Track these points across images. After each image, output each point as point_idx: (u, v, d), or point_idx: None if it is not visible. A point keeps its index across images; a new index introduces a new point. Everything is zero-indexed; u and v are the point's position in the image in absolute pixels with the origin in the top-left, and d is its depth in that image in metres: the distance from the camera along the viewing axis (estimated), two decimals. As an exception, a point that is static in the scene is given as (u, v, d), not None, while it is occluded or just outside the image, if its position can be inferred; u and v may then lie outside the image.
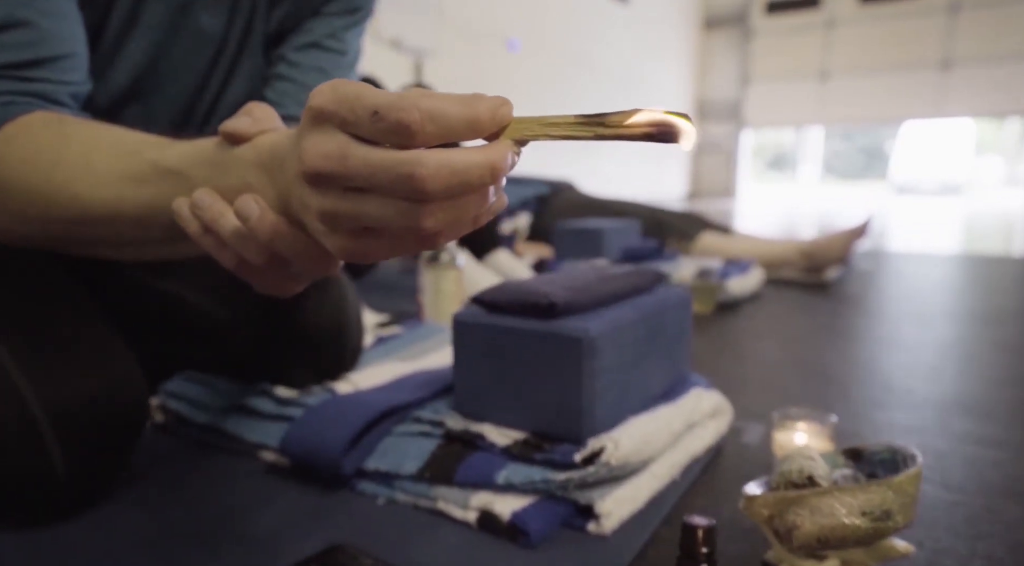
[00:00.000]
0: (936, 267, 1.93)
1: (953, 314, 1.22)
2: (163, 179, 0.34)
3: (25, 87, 0.40)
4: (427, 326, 0.81)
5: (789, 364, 0.88)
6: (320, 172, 0.26)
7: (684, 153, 7.44)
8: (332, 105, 0.26)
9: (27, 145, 0.38)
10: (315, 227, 0.28)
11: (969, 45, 6.17)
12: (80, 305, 0.53)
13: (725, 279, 1.31)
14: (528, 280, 0.56)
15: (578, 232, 1.49)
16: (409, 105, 0.24)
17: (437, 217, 0.25)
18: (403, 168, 0.24)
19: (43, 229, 0.39)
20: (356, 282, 1.56)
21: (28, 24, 0.40)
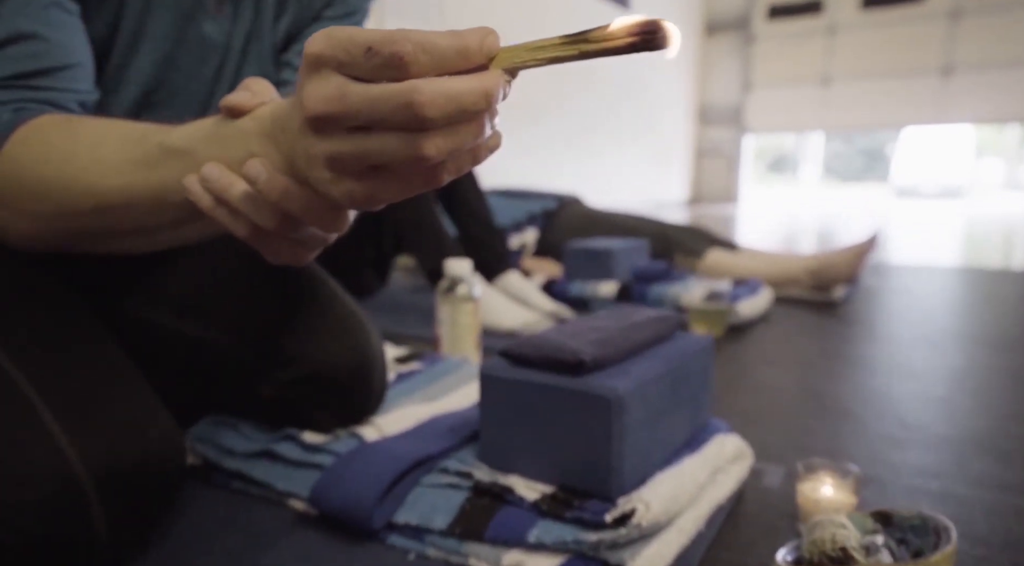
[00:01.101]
0: (941, 282, 1.93)
1: (961, 337, 1.23)
2: (171, 160, 0.35)
3: (34, 95, 0.42)
4: (446, 362, 0.82)
5: (802, 395, 0.89)
6: (322, 115, 0.27)
7: (685, 157, 7.45)
8: (327, 49, 0.27)
9: (39, 144, 0.39)
10: (323, 177, 0.29)
11: (971, 51, 6.18)
12: (114, 356, 0.54)
13: (735, 302, 1.32)
14: (554, 332, 0.57)
15: (588, 252, 1.50)
16: (401, 38, 0.26)
17: (438, 145, 0.27)
18: (402, 97, 0.25)
19: (64, 225, 0.40)
20: (366, 301, 1.56)
21: (35, 37, 0.41)
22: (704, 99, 7.58)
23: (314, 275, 0.71)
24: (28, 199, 0.39)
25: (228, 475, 0.61)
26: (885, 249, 2.72)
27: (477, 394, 0.73)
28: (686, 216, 6.06)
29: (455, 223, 1.44)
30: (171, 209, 0.36)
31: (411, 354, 0.85)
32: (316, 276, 0.71)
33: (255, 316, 0.65)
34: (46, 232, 0.41)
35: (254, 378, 0.63)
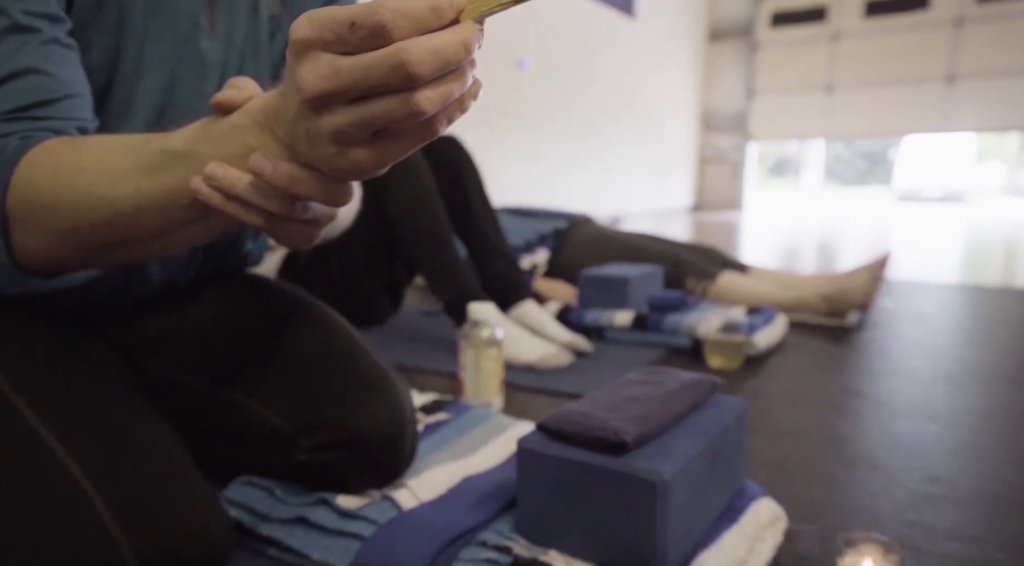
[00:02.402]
0: (952, 303, 1.93)
1: (980, 371, 1.23)
2: (174, 163, 0.37)
3: (38, 125, 0.44)
4: (472, 412, 0.82)
5: (827, 442, 0.89)
6: (321, 93, 0.29)
7: (688, 165, 7.45)
8: (312, 32, 0.29)
9: (48, 164, 0.41)
10: (330, 152, 0.31)
11: (974, 60, 6.18)
12: (159, 430, 0.54)
13: (751, 333, 1.31)
14: (591, 403, 0.57)
15: (603, 280, 1.50)
16: (379, 7, 0.28)
17: (431, 98, 0.29)
18: (392, 59, 0.27)
19: (80, 239, 0.41)
20: (376, 329, 1.56)
21: (34, 72, 0.44)
22: (708, 106, 7.59)
23: (345, 335, 0.71)
24: (45, 217, 0.41)
25: (263, 541, 0.61)
26: (894, 265, 2.72)
27: (506, 449, 0.74)
28: (689, 223, 6.05)
29: (470, 252, 1.44)
30: (180, 210, 0.38)
31: (436, 402, 0.85)
32: (347, 336, 0.71)
33: (288, 380, 0.65)
34: (63, 248, 0.42)
35: (287, 442, 0.63)
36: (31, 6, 0.45)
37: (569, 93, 5.18)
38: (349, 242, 1.44)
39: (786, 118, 7.20)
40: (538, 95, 4.78)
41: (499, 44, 4.31)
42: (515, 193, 4.60)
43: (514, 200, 4.53)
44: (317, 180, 0.33)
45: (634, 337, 1.42)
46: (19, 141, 0.42)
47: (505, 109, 4.46)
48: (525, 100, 4.64)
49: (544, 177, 4.98)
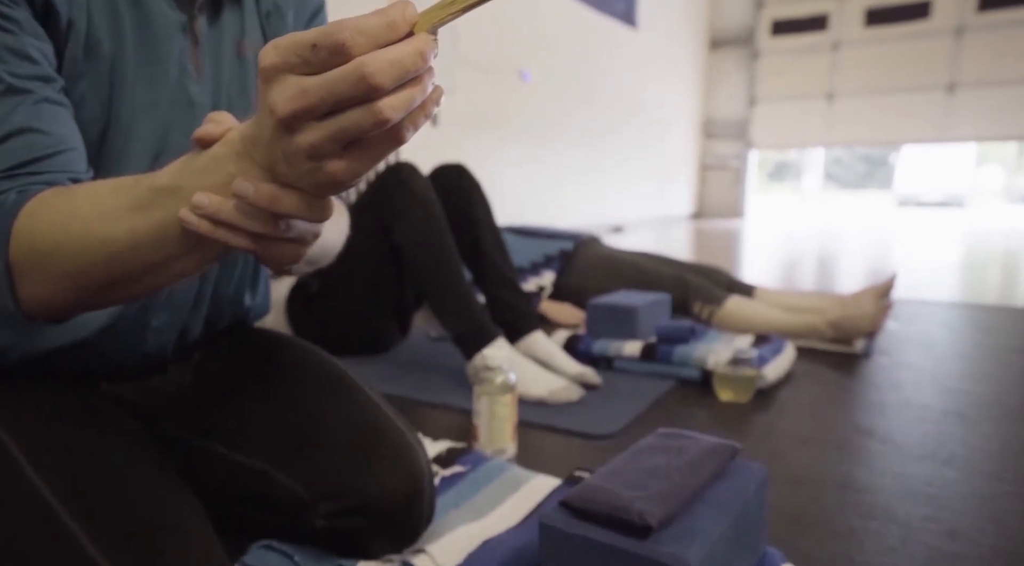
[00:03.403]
0: (957, 324, 1.93)
1: (991, 407, 1.23)
2: (163, 199, 0.39)
3: (35, 179, 0.46)
4: (487, 464, 0.82)
5: (843, 488, 0.89)
6: (291, 113, 0.31)
7: (690, 172, 7.45)
8: (278, 58, 0.31)
9: (45, 213, 0.42)
10: (307, 168, 0.33)
11: (974, 68, 6.19)
12: (179, 498, 0.54)
13: (761, 365, 1.31)
14: (611, 478, 0.57)
15: (611, 309, 1.50)
16: (337, 28, 0.30)
17: (394, 106, 0.31)
18: (354, 73, 0.30)
19: (82, 282, 0.43)
20: (384, 356, 1.56)
21: (29, 131, 0.46)
22: (709, 114, 7.60)
23: (361, 395, 0.70)
24: (47, 264, 0.42)
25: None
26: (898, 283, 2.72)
27: (524, 507, 0.73)
28: (691, 231, 6.05)
29: (478, 280, 1.44)
30: (173, 243, 0.39)
31: (451, 451, 0.85)
32: (363, 396, 0.70)
33: (305, 445, 0.65)
34: (67, 291, 0.43)
35: (306, 508, 0.63)
36: (22, 70, 0.47)
37: (571, 103, 5.18)
38: (358, 271, 1.44)
39: (787, 126, 7.21)
40: (540, 105, 4.79)
41: (502, 56, 4.31)
42: (518, 202, 4.60)
43: (517, 209, 4.53)
44: (298, 197, 0.35)
45: (643, 368, 1.42)
46: (17, 195, 0.44)
47: (508, 119, 4.46)
48: (528, 110, 4.65)
49: (547, 186, 4.98)
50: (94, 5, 0.52)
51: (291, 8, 0.67)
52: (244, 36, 0.63)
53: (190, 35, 0.57)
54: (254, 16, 0.64)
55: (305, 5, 0.69)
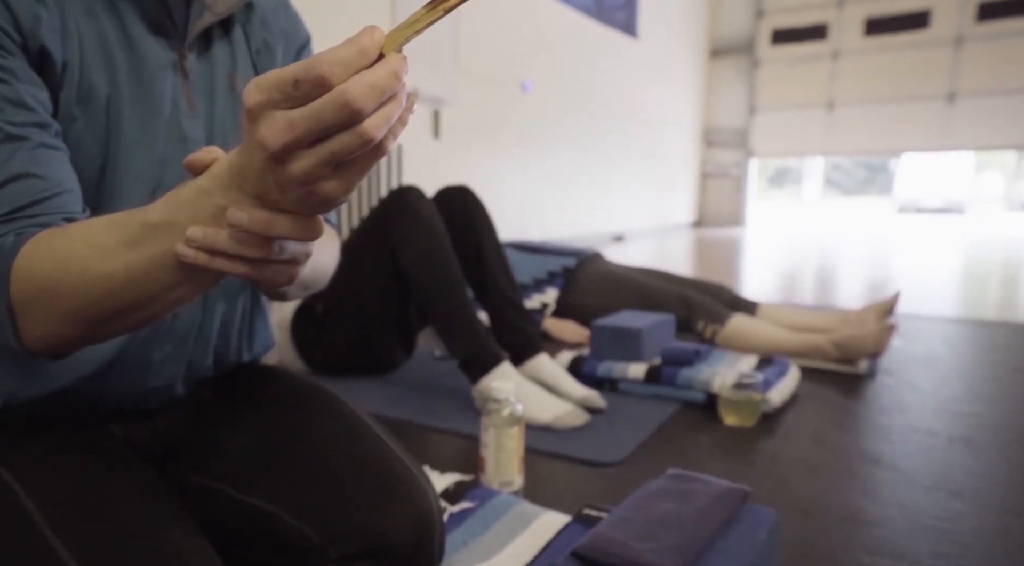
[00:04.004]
0: (959, 342, 1.93)
1: (997, 433, 1.23)
2: (155, 233, 0.40)
3: (32, 221, 0.47)
4: (496, 500, 0.82)
5: (850, 522, 0.89)
6: (282, 147, 0.33)
7: (690, 181, 7.47)
8: (262, 96, 0.33)
9: (43, 253, 0.44)
10: (301, 193, 0.35)
11: (973, 78, 6.21)
12: (191, 543, 0.54)
13: (766, 389, 1.31)
14: (622, 527, 0.57)
15: (615, 331, 1.50)
16: (317, 63, 0.32)
17: (377, 125, 0.33)
18: (338, 101, 0.32)
19: (84, 316, 0.44)
20: (389, 377, 1.56)
21: (26, 176, 0.47)
22: (709, 123, 7.62)
23: (371, 433, 0.70)
24: (47, 302, 0.43)
25: (293, 658, 0.60)
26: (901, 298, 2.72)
27: (533, 546, 0.73)
28: (692, 239, 6.06)
29: (482, 302, 1.44)
30: (169, 274, 0.41)
31: (460, 485, 0.85)
32: (372, 434, 0.70)
33: (315, 486, 0.65)
34: (68, 326, 0.44)
35: (315, 551, 0.63)
36: (18, 118, 0.48)
37: (572, 113, 5.20)
38: (363, 293, 1.44)
39: (787, 134, 7.23)
40: (542, 115, 4.80)
41: (504, 67, 4.33)
42: (519, 212, 4.61)
43: (518, 219, 4.54)
44: (290, 219, 0.37)
45: (648, 390, 1.42)
46: (15, 237, 0.45)
47: (510, 130, 4.47)
48: (529, 120, 4.66)
49: (548, 196, 4.99)
50: (87, 47, 0.53)
51: (279, 44, 0.69)
52: (235, 70, 0.64)
53: (181, 72, 0.59)
54: (244, 51, 0.66)
55: (292, 41, 0.71)
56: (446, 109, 3.78)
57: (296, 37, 0.71)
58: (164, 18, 0.57)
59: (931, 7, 6.32)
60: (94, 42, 0.53)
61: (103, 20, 0.54)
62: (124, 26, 0.55)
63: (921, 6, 6.36)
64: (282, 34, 0.69)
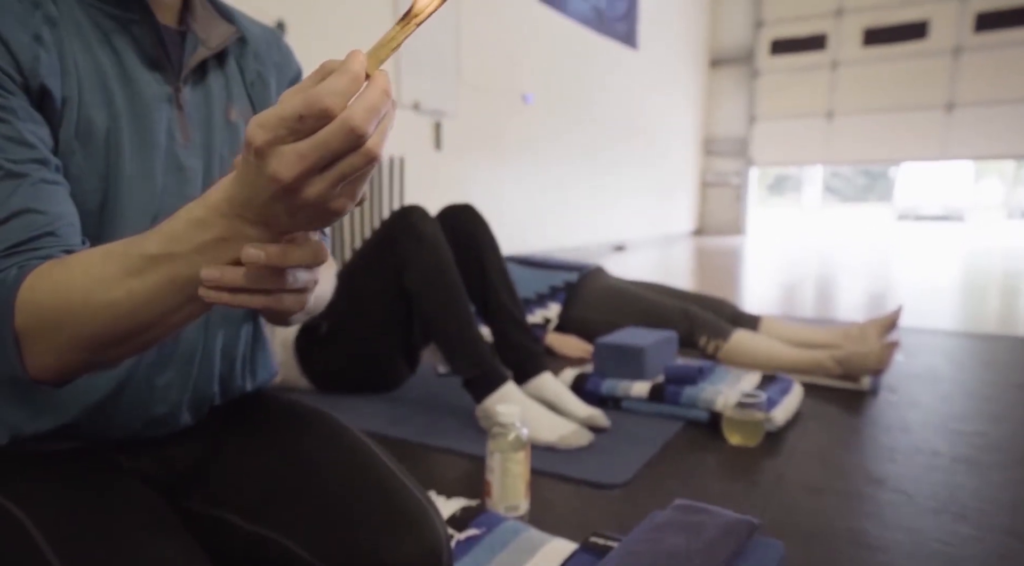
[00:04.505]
0: (961, 356, 1.93)
1: (1001, 452, 1.23)
2: (155, 265, 0.42)
3: (34, 255, 0.48)
4: (503, 527, 0.82)
5: (856, 548, 0.89)
6: (296, 178, 0.35)
7: (691, 190, 7.49)
8: (268, 134, 0.35)
9: (45, 284, 0.45)
10: (316, 213, 0.38)
11: (972, 88, 6.24)
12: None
13: (770, 408, 1.31)
14: (632, 561, 0.57)
15: (618, 349, 1.50)
16: (316, 96, 0.34)
17: (378, 142, 0.36)
18: (343, 129, 0.34)
19: (88, 343, 0.45)
20: (392, 396, 1.56)
21: (27, 211, 0.49)
22: (709, 132, 7.65)
23: (378, 461, 0.71)
24: (51, 332, 0.45)
25: None
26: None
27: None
28: (692, 248, 6.07)
29: (489, 324, 1.45)
30: (171, 298, 0.43)
31: (466, 511, 0.85)
32: (379, 463, 0.71)
33: (323, 515, 0.65)
34: (73, 354, 0.46)
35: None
36: (18, 155, 0.49)
37: (573, 123, 5.22)
38: (367, 312, 1.44)
39: (787, 144, 7.25)
40: (543, 126, 4.82)
41: (505, 79, 4.35)
42: (520, 223, 4.62)
43: (519, 230, 4.55)
44: (302, 247, 0.39)
45: (651, 408, 1.42)
46: (18, 270, 0.46)
47: (511, 141, 4.49)
48: (531, 132, 4.68)
49: (549, 206, 5.00)
50: (85, 83, 0.54)
51: (273, 77, 0.71)
52: (231, 101, 0.66)
53: (176, 105, 0.60)
54: (239, 83, 0.67)
55: (285, 73, 0.73)
56: (447, 121, 3.80)
57: (288, 70, 0.73)
58: (159, 53, 0.59)
59: (929, 17, 6.36)
60: (92, 77, 0.55)
61: (100, 56, 0.55)
62: (121, 61, 0.57)
63: (919, 17, 6.39)
64: (275, 67, 0.71)
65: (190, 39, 0.61)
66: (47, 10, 0.52)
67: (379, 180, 2.82)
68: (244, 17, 0.71)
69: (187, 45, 0.61)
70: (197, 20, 0.63)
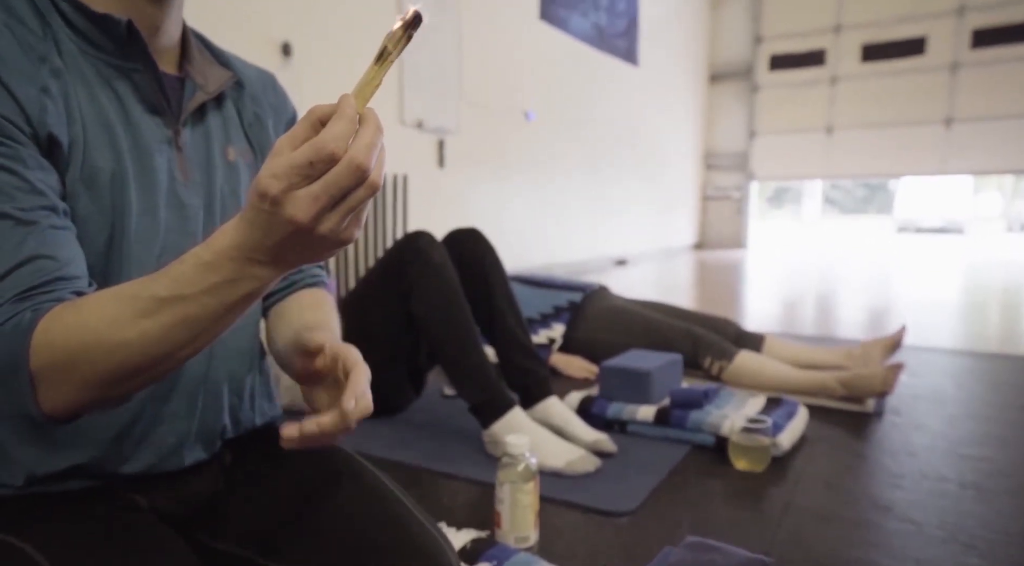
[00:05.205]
0: (965, 376, 1.94)
1: (1008, 479, 1.23)
2: (166, 306, 0.45)
3: (46, 298, 0.50)
4: (513, 560, 0.82)
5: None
6: (313, 218, 0.39)
7: (692, 203, 7.52)
8: (282, 184, 0.39)
9: (58, 327, 0.47)
10: (330, 242, 0.42)
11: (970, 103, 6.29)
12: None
13: (776, 433, 1.32)
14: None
15: (624, 372, 1.51)
16: (323, 143, 0.38)
17: (380, 173, 0.41)
18: (350, 168, 0.39)
19: (101, 380, 0.47)
20: (398, 418, 1.57)
21: (38, 258, 0.51)
22: (709, 146, 7.69)
23: (391, 496, 0.71)
24: (65, 372, 0.46)
25: None
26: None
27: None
28: (693, 262, 6.08)
29: (495, 347, 1.45)
30: (181, 335, 0.45)
31: (476, 543, 0.86)
32: (392, 497, 0.71)
33: (337, 552, 0.65)
34: (86, 391, 0.47)
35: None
36: (28, 203, 0.51)
37: (575, 139, 5.26)
38: (375, 337, 1.45)
39: (787, 158, 7.29)
40: (545, 143, 4.86)
41: (506, 96, 4.39)
42: (522, 238, 4.63)
43: (521, 245, 4.56)
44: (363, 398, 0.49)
45: (657, 432, 1.42)
46: (32, 313, 0.48)
47: (514, 158, 4.52)
48: (533, 148, 4.71)
49: (551, 221, 5.02)
50: (90, 127, 0.56)
51: (269, 118, 0.73)
52: (229, 142, 0.68)
53: (175, 146, 0.63)
54: (237, 124, 0.70)
55: (281, 115, 0.75)
56: (450, 139, 3.83)
57: (284, 112, 0.76)
58: (160, 99, 0.61)
59: (926, 34, 6.42)
60: (96, 122, 0.57)
61: (104, 101, 0.58)
62: (124, 106, 0.59)
63: (917, 33, 6.46)
64: (271, 108, 0.74)
65: (189, 85, 0.64)
66: (53, 63, 0.54)
67: (383, 198, 2.84)
68: (239, 61, 0.73)
69: (186, 90, 0.63)
70: (195, 66, 0.65)
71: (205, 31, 0.73)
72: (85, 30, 0.57)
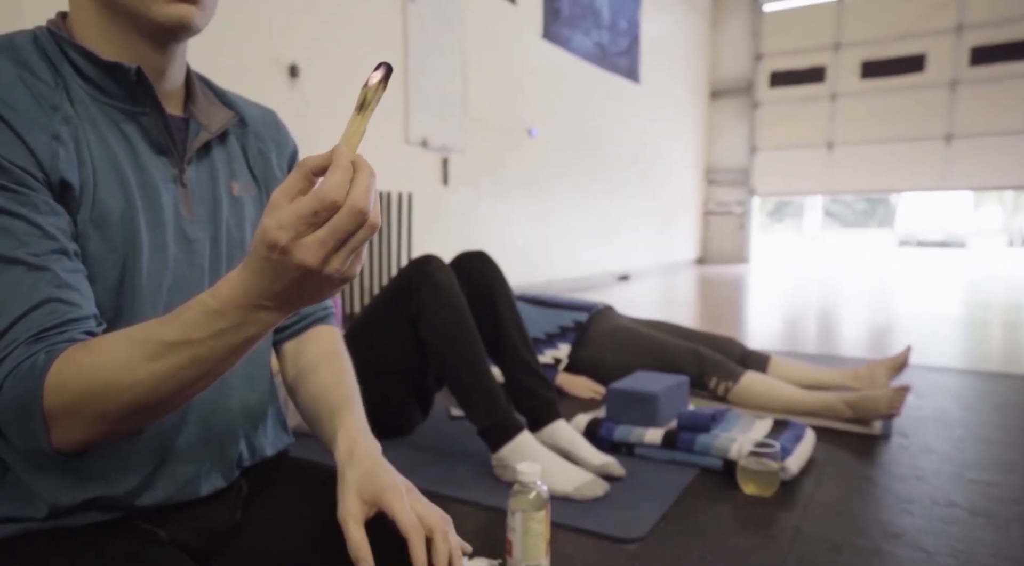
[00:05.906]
0: (971, 397, 1.94)
1: (1018, 504, 1.23)
2: (175, 350, 0.47)
3: (59, 338, 0.52)
4: (526, 591, 0.82)
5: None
6: (321, 261, 0.43)
7: (694, 219, 7.54)
8: (290, 233, 0.42)
9: (71, 368, 0.49)
10: (336, 280, 0.45)
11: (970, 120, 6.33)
12: None
13: (784, 458, 1.32)
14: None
15: (631, 395, 1.51)
16: (326, 192, 0.42)
17: (377, 214, 0.44)
18: (352, 212, 0.42)
19: (112, 417, 0.49)
20: (406, 439, 1.57)
21: (51, 301, 0.53)
22: (711, 162, 7.74)
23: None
24: (78, 412, 0.49)
25: None
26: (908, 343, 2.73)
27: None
28: (696, 277, 6.09)
29: (502, 369, 1.46)
30: (188, 375, 0.48)
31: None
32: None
33: None
34: (94, 429, 0.50)
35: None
36: (41, 248, 0.53)
37: (578, 156, 5.29)
38: (383, 359, 1.46)
39: (788, 173, 7.33)
40: (548, 160, 4.89)
41: (510, 114, 4.43)
42: (526, 254, 4.65)
43: (525, 261, 4.58)
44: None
45: (665, 455, 1.42)
46: (45, 354, 0.50)
47: (517, 175, 4.55)
48: (536, 165, 4.74)
49: (554, 238, 5.04)
50: (100, 169, 0.58)
51: (272, 153, 0.76)
52: (234, 178, 0.71)
53: (180, 184, 0.65)
54: (241, 160, 0.72)
55: (283, 150, 0.78)
56: (454, 156, 3.86)
57: (286, 147, 0.78)
58: (166, 140, 0.63)
59: (926, 51, 6.48)
60: (106, 164, 0.59)
61: (113, 143, 0.60)
62: (132, 147, 0.61)
63: (916, 50, 6.52)
64: (274, 143, 0.76)
65: (193, 125, 0.66)
66: (64, 111, 0.56)
67: (388, 216, 2.86)
68: (241, 99, 0.76)
69: (190, 130, 0.66)
70: (199, 107, 0.68)
71: (214, 54, 0.76)
72: (95, 78, 0.59)
